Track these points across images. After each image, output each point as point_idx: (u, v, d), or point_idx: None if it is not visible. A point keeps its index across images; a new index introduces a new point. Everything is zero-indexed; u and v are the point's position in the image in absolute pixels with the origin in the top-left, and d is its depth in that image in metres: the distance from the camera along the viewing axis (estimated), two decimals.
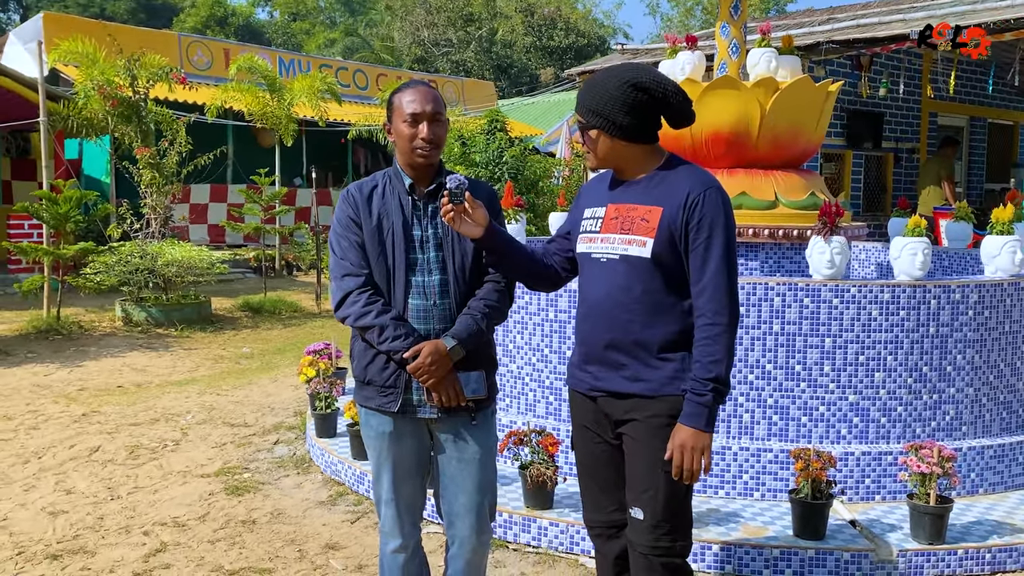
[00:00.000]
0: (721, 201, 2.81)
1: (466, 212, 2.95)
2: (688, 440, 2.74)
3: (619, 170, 2.98)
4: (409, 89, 3.17)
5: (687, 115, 2.91)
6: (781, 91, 5.95)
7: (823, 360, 4.71)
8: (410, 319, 3.11)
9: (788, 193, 6.02)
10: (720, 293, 2.75)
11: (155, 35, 17.76)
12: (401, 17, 42.22)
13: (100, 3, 45.84)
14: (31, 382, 8.11)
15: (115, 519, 4.84)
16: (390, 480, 3.23)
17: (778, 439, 4.76)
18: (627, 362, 2.88)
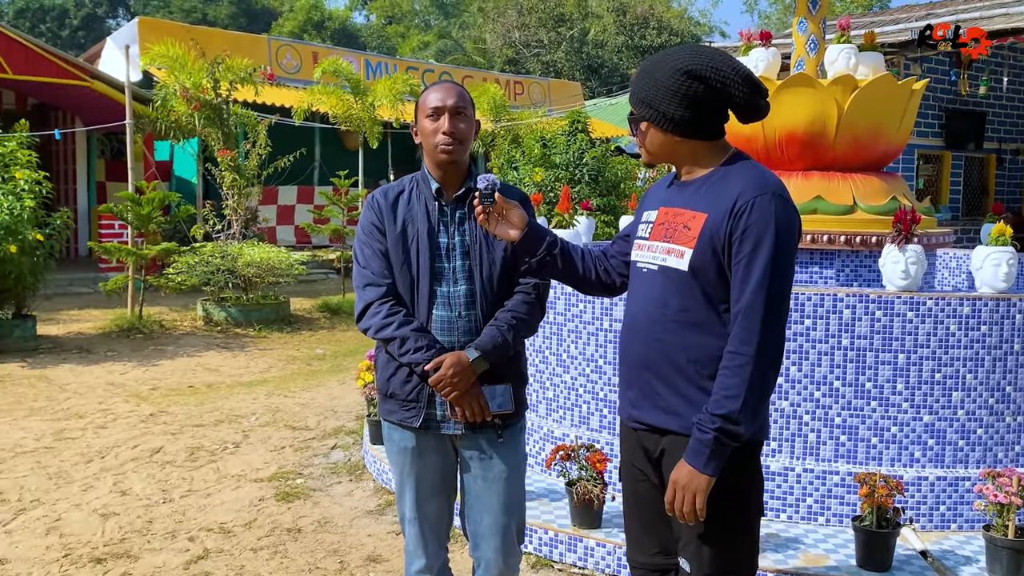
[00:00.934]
0: (774, 209, 2.40)
1: (500, 213, 2.76)
2: (682, 479, 2.42)
3: (676, 168, 2.66)
4: (434, 86, 3.03)
5: (756, 108, 2.54)
6: (860, 89, 5.62)
7: (896, 377, 4.39)
8: (434, 331, 2.96)
9: (867, 197, 5.68)
10: (752, 319, 2.37)
11: (246, 39, 18.07)
12: (493, 19, 42.30)
13: (202, 9, 47.15)
14: (107, 380, 8.25)
15: (163, 523, 4.82)
16: (413, 498, 3.09)
17: (845, 461, 4.46)
18: (662, 391, 2.56)
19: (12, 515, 4.92)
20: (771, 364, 2.43)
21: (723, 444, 2.38)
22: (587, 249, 2.93)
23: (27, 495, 5.23)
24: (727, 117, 2.58)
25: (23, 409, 7.16)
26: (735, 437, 2.38)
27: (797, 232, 2.51)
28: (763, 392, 2.43)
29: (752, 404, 2.38)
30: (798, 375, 4.47)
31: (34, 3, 47.27)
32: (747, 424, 2.38)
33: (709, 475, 2.39)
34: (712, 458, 2.39)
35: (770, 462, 4.48)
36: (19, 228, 8.81)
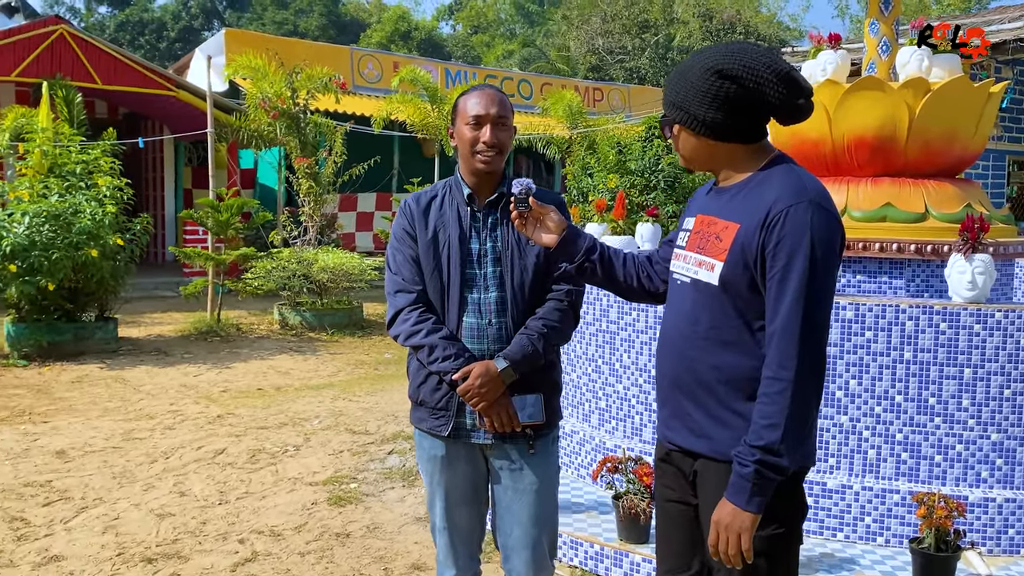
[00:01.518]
0: (811, 219, 2.22)
1: (536, 218, 2.68)
2: (724, 518, 2.26)
3: (713, 173, 2.52)
4: (475, 91, 2.99)
5: (795, 109, 2.37)
6: (933, 92, 5.39)
7: (961, 393, 4.19)
8: (464, 339, 2.92)
9: (940, 205, 5.44)
10: (789, 340, 2.20)
11: (328, 49, 18.39)
12: (577, 26, 42.30)
13: (293, 21, 48.23)
14: (180, 382, 8.44)
15: (216, 525, 4.89)
16: (443, 507, 3.06)
17: (907, 479, 4.27)
18: (693, 412, 2.42)
19: (74, 513, 5.04)
20: (812, 389, 2.25)
21: (766, 478, 2.20)
22: (630, 254, 2.80)
23: (90, 493, 5.36)
24: (766, 119, 2.44)
25: (97, 409, 7.36)
26: (779, 470, 2.20)
27: (839, 244, 2.33)
28: (805, 419, 2.25)
29: (794, 433, 2.21)
30: (858, 388, 4.30)
31: (134, 16, 49.01)
32: (791, 455, 2.21)
33: (753, 512, 2.22)
34: (755, 494, 2.21)
35: (827, 479, 4.32)
36: (101, 233, 9.08)
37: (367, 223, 17.08)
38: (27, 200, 8.96)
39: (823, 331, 2.27)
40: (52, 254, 8.70)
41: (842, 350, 4.31)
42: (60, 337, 9.41)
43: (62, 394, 7.87)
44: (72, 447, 6.30)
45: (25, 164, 9.62)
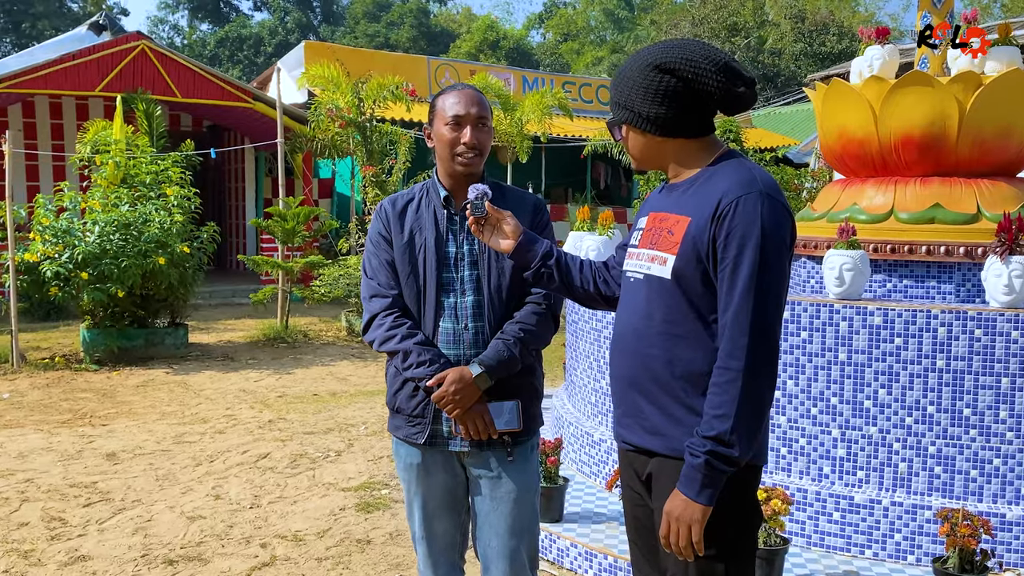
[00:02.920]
0: (761, 210, 2.19)
1: (493, 224, 2.66)
2: (675, 510, 2.22)
3: (664, 170, 2.48)
4: (454, 91, 2.93)
5: (736, 98, 2.32)
6: (985, 87, 5.11)
7: (998, 404, 3.94)
8: (439, 343, 2.86)
9: (994, 205, 5.16)
10: (740, 330, 2.17)
11: (406, 60, 18.60)
12: (666, 31, 41.89)
13: (385, 33, 49.03)
14: (239, 387, 8.59)
15: (243, 528, 4.93)
16: (421, 516, 3.00)
17: (940, 494, 4.03)
18: (647, 409, 2.37)
19: (111, 514, 5.16)
20: (764, 379, 2.20)
21: (717, 469, 2.17)
22: (588, 261, 2.76)
23: (131, 495, 5.48)
24: (711, 111, 2.38)
25: (156, 413, 7.54)
26: (729, 461, 2.17)
27: (789, 235, 2.28)
28: (758, 410, 2.21)
29: (746, 423, 2.17)
30: (887, 399, 4.08)
31: (232, 33, 50.52)
32: (742, 446, 2.17)
33: (704, 504, 2.19)
34: (706, 485, 2.18)
35: (855, 493, 4.11)
36: (169, 241, 9.33)
37: None
38: (99, 210, 9.25)
39: (775, 321, 2.22)
40: (122, 262, 8.97)
41: (870, 357, 4.11)
42: (131, 343, 9.69)
43: (125, 398, 8.09)
44: (124, 450, 6.45)
45: (100, 175, 9.95)
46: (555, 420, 5.79)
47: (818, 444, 4.24)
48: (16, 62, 14.43)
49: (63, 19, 43.20)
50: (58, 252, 8.97)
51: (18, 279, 9.26)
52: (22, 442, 6.61)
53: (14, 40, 43.07)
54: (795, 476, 4.30)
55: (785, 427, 4.31)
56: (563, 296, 2.82)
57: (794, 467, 4.30)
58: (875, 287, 5.29)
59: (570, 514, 4.53)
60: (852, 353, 4.14)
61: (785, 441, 4.32)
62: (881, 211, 5.32)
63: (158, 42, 13.90)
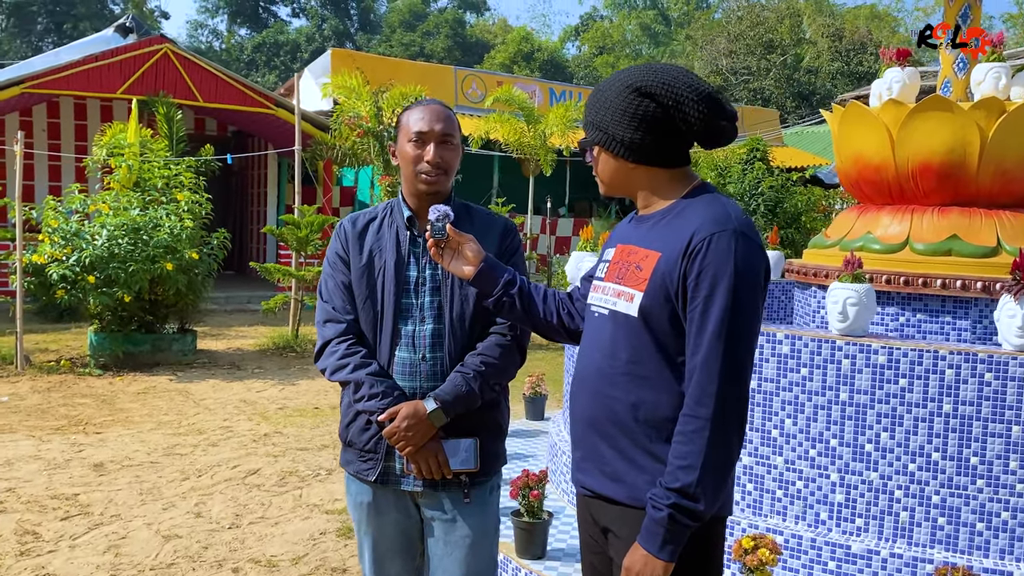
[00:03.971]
0: (734, 249, 2.05)
1: (454, 248, 2.50)
2: (635, 565, 2.06)
3: (634, 199, 2.32)
4: (419, 106, 2.75)
5: (718, 132, 2.19)
6: (1009, 113, 4.85)
7: (1008, 453, 3.68)
8: (395, 374, 2.68)
9: (1016, 238, 4.88)
10: (709, 376, 2.02)
11: (433, 69, 18.50)
12: (702, 47, 41.64)
13: (420, 43, 49.12)
14: (241, 397, 8.46)
15: (217, 551, 4.76)
16: (371, 558, 2.81)
17: (943, 547, 3.78)
18: (607, 453, 2.21)
19: (85, 529, 5.01)
20: (733, 429, 2.05)
21: (680, 524, 2.02)
22: (552, 291, 2.59)
23: (110, 509, 5.33)
24: (688, 142, 2.21)
25: (151, 422, 7.42)
26: (694, 515, 2.02)
27: (763, 276, 2.13)
28: (725, 462, 2.06)
29: (712, 476, 2.02)
30: (890, 443, 3.84)
31: (270, 38, 50.86)
32: (707, 499, 2.02)
33: (665, 560, 2.04)
34: (668, 541, 2.03)
35: (852, 542, 3.87)
36: (178, 247, 9.23)
37: None
38: (108, 213, 9.17)
39: (746, 367, 2.07)
40: (129, 266, 8.88)
41: (873, 398, 3.86)
42: (137, 348, 9.60)
43: (124, 405, 7.98)
44: (112, 460, 6.33)
45: (113, 178, 9.88)
46: (550, 447, 5.58)
47: (816, 488, 4.00)
48: (42, 62, 14.48)
49: (104, 20, 43.62)
50: (66, 255, 8.89)
51: (26, 281, 9.20)
52: (11, 449, 6.50)
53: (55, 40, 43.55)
54: (790, 521, 4.06)
55: (782, 468, 4.08)
56: (524, 325, 2.64)
57: (790, 511, 4.06)
58: (887, 320, 5.04)
59: (554, 551, 4.31)
60: (854, 393, 3.90)
61: (781, 483, 4.08)
62: (896, 241, 5.07)
63: (181, 46, 13.87)
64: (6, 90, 12.14)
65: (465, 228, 2.66)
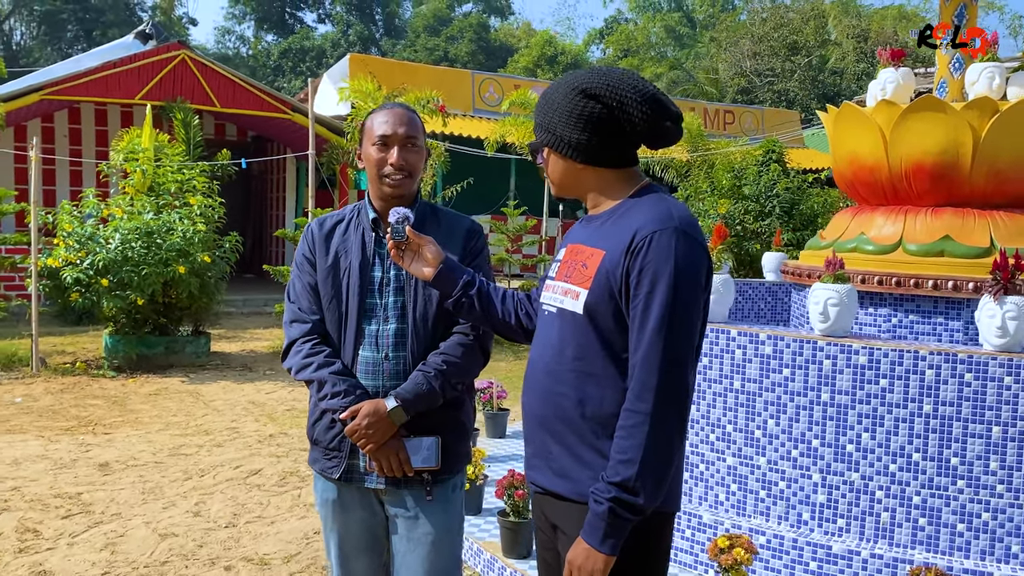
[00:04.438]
0: (675, 247, 2.08)
1: (414, 249, 2.54)
2: (577, 558, 2.09)
3: (583, 200, 2.37)
4: (383, 110, 2.80)
5: (662, 132, 2.23)
6: (1002, 113, 4.83)
7: (989, 454, 3.67)
8: (358, 373, 2.72)
9: (1009, 239, 4.86)
10: (649, 371, 2.05)
11: (450, 73, 18.60)
12: (726, 48, 41.47)
13: (444, 47, 49.27)
14: (250, 399, 8.55)
15: (212, 549, 4.83)
16: (337, 555, 2.85)
17: (924, 548, 3.77)
18: (555, 450, 2.25)
19: (85, 528, 5.10)
20: (673, 423, 2.09)
21: (620, 518, 2.05)
22: (511, 292, 2.63)
23: (112, 508, 5.42)
24: (634, 143, 2.25)
25: (160, 423, 7.52)
26: (634, 509, 2.05)
27: (704, 274, 2.17)
28: (665, 456, 2.08)
29: (652, 470, 2.05)
30: (871, 443, 3.84)
31: (296, 44, 51.19)
32: (647, 493, 2.05)
33: (606, 554, 2.07)
34: (609, 534, 2.06)
35: (833, 542, 3.86)
36: (191, 250, 9.34)
37: None
38: (121, 217, 9.30)
39: (685, 362, 2.11)
40: (142, 269, 9.00)
41: (854, 399, 3.86)
42: (151, 350, 9.73)
43: (135, 406, 8.09)
44: (118, 460, 6.42)
45: (127, 182, 10.02)
46: None
47: (798, 488, 4.00)
48: (62, 69, 14.71)
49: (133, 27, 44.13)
50: (80, 258, 9.03)
51: (41, 284, 9.35)
52: (20, 448, 6.61)
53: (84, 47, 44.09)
54: (773, 521, 4.06)
55: (765, 469, 4.08)
56: (484, 326, 2.67)
57: (772, 512, 4.06)
58: (880, 322, 5.03)
59: None
60: (835, 393, 3.90)
61: (764, 484, 4.08)
62: (889, 242, 5.06)
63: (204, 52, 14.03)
64: (27, 96, 12.34)
65: (431, 229, 2.71)
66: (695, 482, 4.31)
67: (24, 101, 12.48)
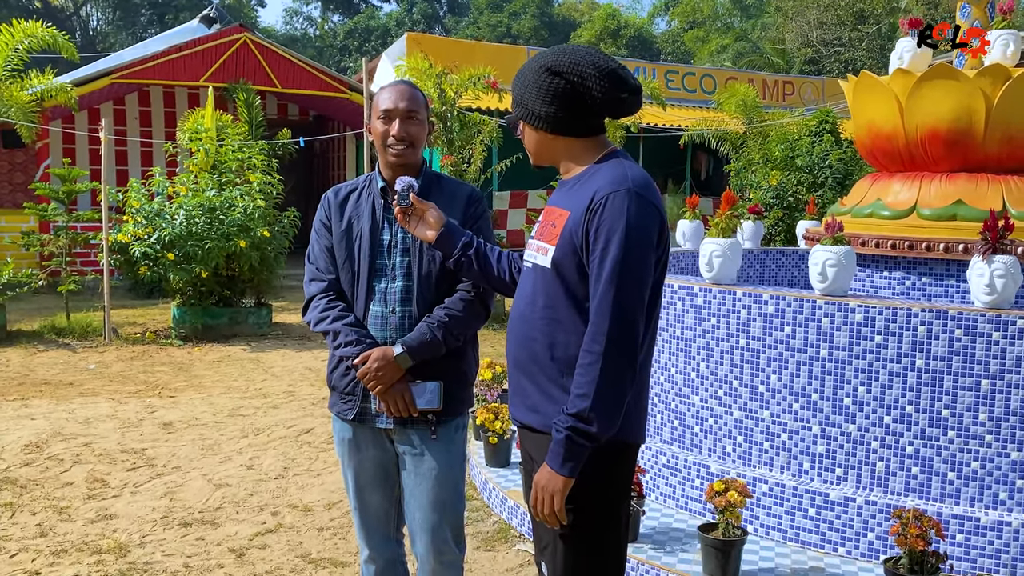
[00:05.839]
0: (627, 207, 2.32)
1: (418, 215, 2.85)
2: (541, 480, 2.38)
3: (556, 166, 2.63)
4: (387, 87, 3.10)
5: (620, 103, 2.47)
6: (1014, 80, 4.94)
7: (977, 406, 3.85)
8: (369, 326, 3.04)
9: (1021, 202, 4.99)
10: (602, 317, 2.32)
11: (505, 50, 18.81)
12: (792, 18, 40.81)
13: (507, 23, 49.39)
14: (307, 365, 8.99)
15: (261, 497, 5.23)
16: (353, 488, 3.19)
17: (917, 495, 3.97)
18: (528, 388, 2.54)
19: (148, 479, 5.55)
20: (625, 363, 2.34)
21: (577, 444, 2.32)
22: (506, 253, 2.94)
23: (172, 462, 5.87)
24: (597, 114, 2.51)
25: (221, 387, 7.99)
26: (588, 436, 2.32)
27: (655, 231, 2.41)
28: (617, 390, 2.34)
29: (604, 402, 2.32)
30: (866, 396, 4.04)
31: (361, 24, 51.81)
32: (601, 423, 2.31)
33: (565, 476, 2.34)
34: (567, 459, 2.33)
35: (830, 490, 4.09)
36: (251, 225, 9.80)
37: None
38: (185, 194, 9.79)
39: (634, 310, 2.35)
40: (206, 244, 9.49)
41: (850, 354, 4.07)
42: (216, 321, 10.24)
43: (199, 372, 8.58)
44: (180, 420, 6.89)
45: (191, 161, 10.52)
46: None
47: (799, 440, 4.23)
48: (132, 54, 15.32)
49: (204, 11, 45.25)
50: (148, 233, 9.55)
51: (112, 258, 9.91)
52: (92, 409, 7.12)
53: (157, 31, 45.29)
54: (776, 471, 4.30)
55: (768, 422, 4.31)
56: (481, 283, 2.96)
57: (775, 462, 4.30)
58: (894, 284, 5.20)
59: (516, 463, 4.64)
60: (833, 350, 4.11)
61: (768, 435, 4.32)
62: (904, 207, 5.21)
63: (269, 35, 14.50)
64: (98, 80, 12.96)
65: (435, 196, 3.01)
66: (705, 434, 4.56)
67: (96, 85, 13.11)
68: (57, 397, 7.51)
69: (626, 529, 2.55)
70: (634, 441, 2.51)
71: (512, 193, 16.39)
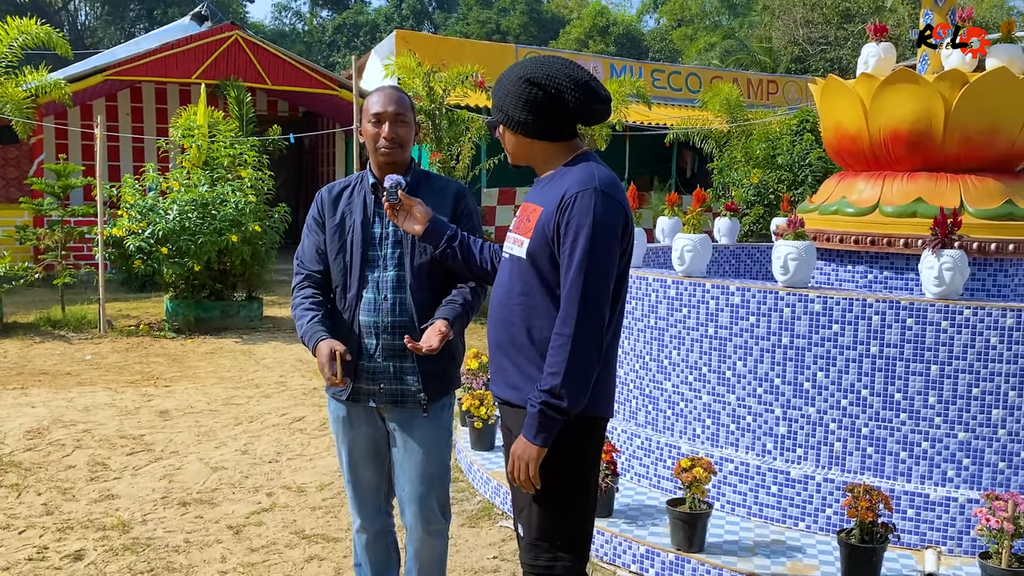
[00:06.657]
0: (594, 204, 2.59)
1: (406, 210, 3.11)
2: (517, 449, 2.65)
3: (533, 166, 2.90)
4: (377, 91, 3.35)
5: (591, 112, 2.75)
6: (970, 85, 5.23)
7: (927, 390, 4.14)
8: (361, 311, 3.29)
9: (979, 200, 5.28)
10: (571, 303, 2.59)
11: (494, 48, 19.04)
12: (779, 16, 41.15)
13: (496, 20, 49.59)
14: (297, 357, 9.23)
15: (256, 479, 5.49)
16: (347, 462, 3.44)
17: (872, 474, 4.26)
18: (508, 367, 2.81)
19: (147, 462, 5.79)
20: (590, 344, 2.60)
21: (549, 417, 2.58)
22: (489, 244, 3.20)
23: (170, 447, 6.11)
24: (571, 121, 2.76)
25: (215, 378, 8.23)
26: (559, 410, 2.57)
27: (619, 227, 2.66)
28: (585, 369, 2.60)
29: (573, 379, 2.57)
30: (825, 381, 4.33)
31: (350, 20, 51.96)
32: (571, 399, 2.57)
33: (539, 446, 2.60)
34: (540, 430, 2.59)
35: (791, 468, 4.37)
36: (242, 220, 10.03)
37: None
38: (178, 190, 10.02)
39: (600, 298, 2.61)
40: (198, 238, 9.72)
41: (810, 342, 4.35)
42: (208, 314, 10.47)
43: (192, 363, 8.82)
44: (176, 408, 7.13)
45: (184, 157, 10.74)
46: None
47: (763, 422, 4.51)
48: (124, 51, 15.51)
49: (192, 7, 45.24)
50: (141, 228, 9.78)
51: (107, 252, 10.13)
52: (90, 398, 7.36)
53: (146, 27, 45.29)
54: (742, 451, 4.58)
55: (734, 405, 4.59)
56: (463, 272, 3.23)
57: (741, 442, 4.58)
58: (857, 277, 5.48)
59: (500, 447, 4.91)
60: (794, 337, 4.39)
61: (734, 418, 4.60)
62: (867, 204, 5.49)
63: (256, 31, 14.72)
64: (91, 77, 13.15)
65: (423, 193, 3.28)
66: (676, 418, 4.84)
67: (89, 82, 13.30)
68: (56, 386, 7.74)
69: (595, 495, 2.82)
70: (602, 415, 2.78)
71: (500, 190, 16.64)
